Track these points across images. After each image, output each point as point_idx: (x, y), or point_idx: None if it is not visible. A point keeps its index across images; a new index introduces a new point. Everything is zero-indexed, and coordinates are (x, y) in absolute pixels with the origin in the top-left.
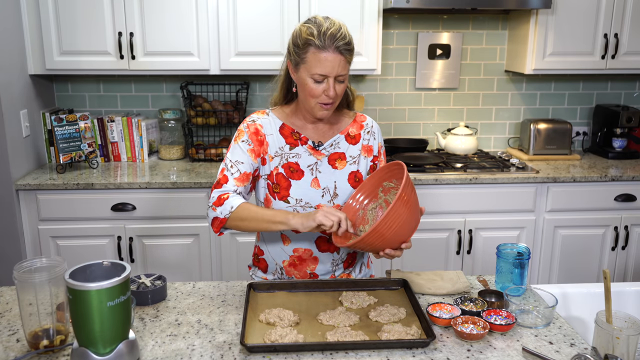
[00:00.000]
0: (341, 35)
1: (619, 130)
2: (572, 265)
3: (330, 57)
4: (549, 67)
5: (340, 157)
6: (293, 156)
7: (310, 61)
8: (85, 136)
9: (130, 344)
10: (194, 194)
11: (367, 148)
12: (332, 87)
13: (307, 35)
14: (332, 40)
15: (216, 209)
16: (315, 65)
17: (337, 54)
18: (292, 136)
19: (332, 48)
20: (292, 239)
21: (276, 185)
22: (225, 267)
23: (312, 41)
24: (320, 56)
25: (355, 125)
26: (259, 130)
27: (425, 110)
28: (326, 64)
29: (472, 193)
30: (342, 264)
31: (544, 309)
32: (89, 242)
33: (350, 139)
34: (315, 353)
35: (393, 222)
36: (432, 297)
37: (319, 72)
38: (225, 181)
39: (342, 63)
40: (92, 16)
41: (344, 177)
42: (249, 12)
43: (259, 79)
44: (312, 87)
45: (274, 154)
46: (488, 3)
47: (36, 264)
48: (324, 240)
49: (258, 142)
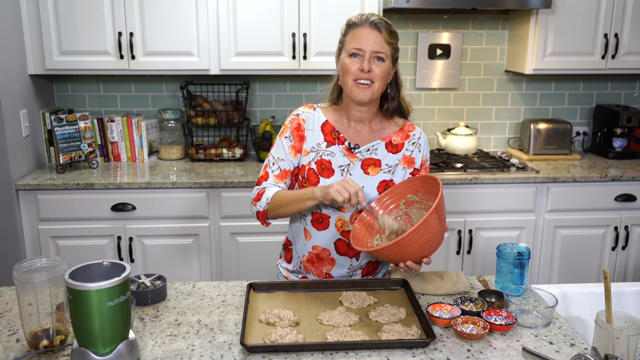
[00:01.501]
0: (380, 19)
1: (619, 130)
2: (572, 265)
3: (365, 31)
4: (549, 67)
5: (374, 163)
6: (328, 154)
7: (348, 40)
8: (85, 136)
9: (130, 344)
10: (194, 194)
11: (408, 159)
12: (367, 61)
13: (348, 20)
14: (370, 18)
15: (256, 204)
16: (352, 41)
17: (373, 28)
18: (331, 134)
19: (368, 23)
20: (313, 236)
21: (306, 180)
22: (225, 267)
23: (351, 22)
24: (356, 31)
25: (401, 135)
26: (300, 125)
27: (425, 110)
28: (361, 37)
29: (472, 193)
30: (361, 270)
31: (544, 309)
32: (88, 242)
33: (392, 147)
34: (315, 353)
35: (421, 236)
36: (432, 297)
37: (354, 46)
38: (265, 178)
39: (378, 39)
40: (92, 16)
41: (373, 184)
42: (249, 12)
43: (259, 79)
44: (348, 62)
45: (309, 149)
46: (488, 3)
47: (36, 264)
48: (343, 243)
49: (299, 137)
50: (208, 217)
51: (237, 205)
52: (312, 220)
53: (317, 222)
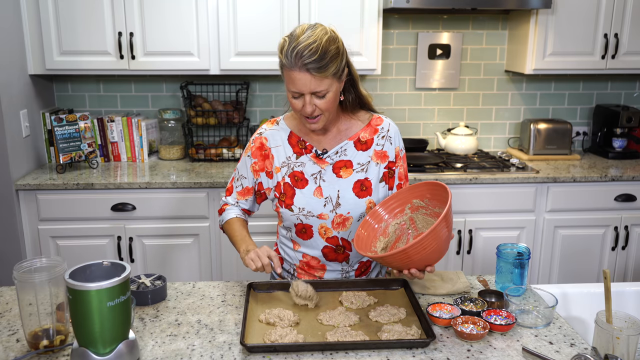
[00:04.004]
0: (309, 53)
1: (619, 130)
2: (572, 265)
3: (298, 75)
4: (549, 67)
5: (345, 165)
6: (298, 165)
7: (285, 77)
8: (85, 136)
9: (130, 344)
10: (194, 194)
11: (380, 154)
12: (308, 104)
13: (279, 51)
14: (299, 59)
15: (219, 215)
16: (288, 82)
17: (304, 72)
18: (298, 145)
19: (299, 66)
20: (301, 245)
21: (283, 195)
22: (225, 267)
23: (282, 62)
24: (290, 74)
25: (369, 130)
26: (263, 144)
27: (425, 110)
28: (295, 82)
29: (472, 193)
30: (354, 272)
31: (544, 309)
32: (89, 242)
33: (361, 144)
34: (315, 353)
35: (429, 244)
36: (432, 297)
37: (291, 89)
38: (230, 192)
39: (313, 81)
40: (92, 16)
41: (348, 186)
42: (249, 12)
43: (259, 79)
44: (292, 102)
45: (280, 165)
46: (488, 3)
47: (36, 264)
48: (331, 250)
49: (262, 156)
50: (208, 217)
51: None
52: (296, 232)
53: (301, 233)
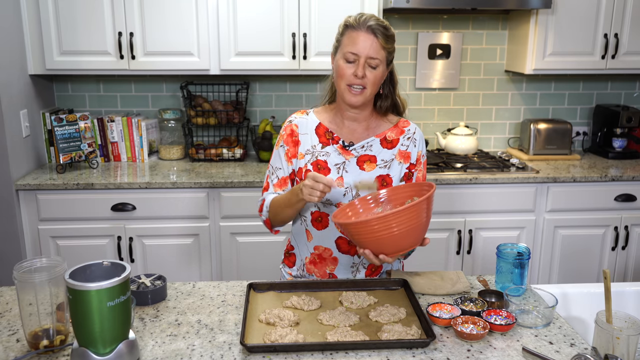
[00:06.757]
0: (378, 21)
1: (619, 130)
2: (572, 265)
3: (362, 36)
4: (549, 67)
5: (370, 159)
6: (323, 155)
7: (344, 42)
8: (85, 136)
9: (130, 344)
10: (194, 194)
11: (403, 154)
12: (361, 67)
13: (346, 20)
14: (368, 21)
15: (261, 214)
16: (348, 44)
17: (370, 33)
18: (325, 135)
19: (365, 27)
20: (315, 236)
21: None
22: (225, 267)
23: (348, 22)
24: (352, 34)
25: (396, 130)
26: (294, 130)
27: (425, 110)
28: (357, 42)
29: (472, 193)
30: (364, 271)
31: (544, 309)
32: (89, 242)
33: (386, 143)
34: (315, 353)
35: (408, 219)
36: (432, 297)
37: (349, 50)
38: (267, 188)
39: (374, 45)
40: (92, 16)
41: (370, 179)
42: (249, 12)
43: (259, 79)
44: (342, 66)
45: (305, 152)
46: (488, 3)
47: (36, 264)
48: (344, 240)
49: (293, 142)
50: (208, 217)
51: (237, 205)
52: (312, 220)
53: (316, 222)
